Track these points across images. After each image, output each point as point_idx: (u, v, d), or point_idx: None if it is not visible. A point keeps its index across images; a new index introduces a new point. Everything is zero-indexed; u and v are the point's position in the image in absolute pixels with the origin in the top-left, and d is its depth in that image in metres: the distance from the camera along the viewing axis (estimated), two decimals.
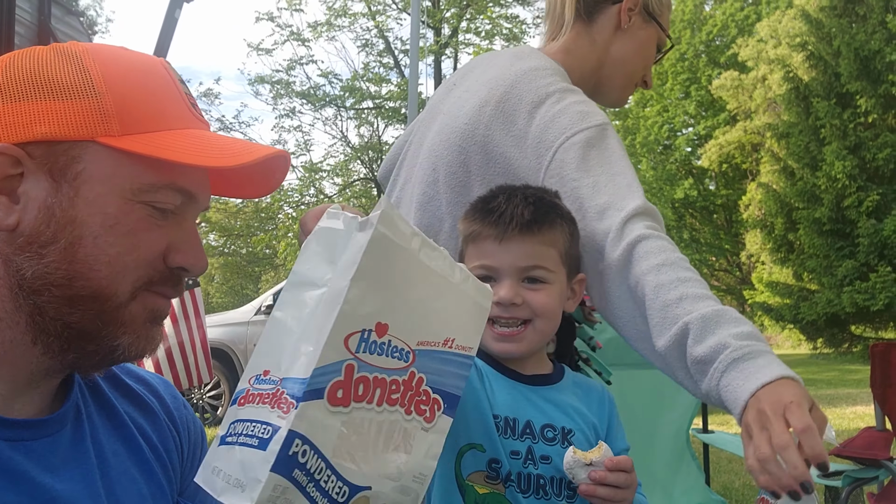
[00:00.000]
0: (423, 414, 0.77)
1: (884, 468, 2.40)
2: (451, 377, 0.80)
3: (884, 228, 16.37)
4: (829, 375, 13.62)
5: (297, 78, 18.82)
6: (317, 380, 0.68)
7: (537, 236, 1.30)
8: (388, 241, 0.72)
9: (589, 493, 1.20)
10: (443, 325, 0.78)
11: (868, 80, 17.05)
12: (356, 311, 0.70)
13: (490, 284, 1.23)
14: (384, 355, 0.72)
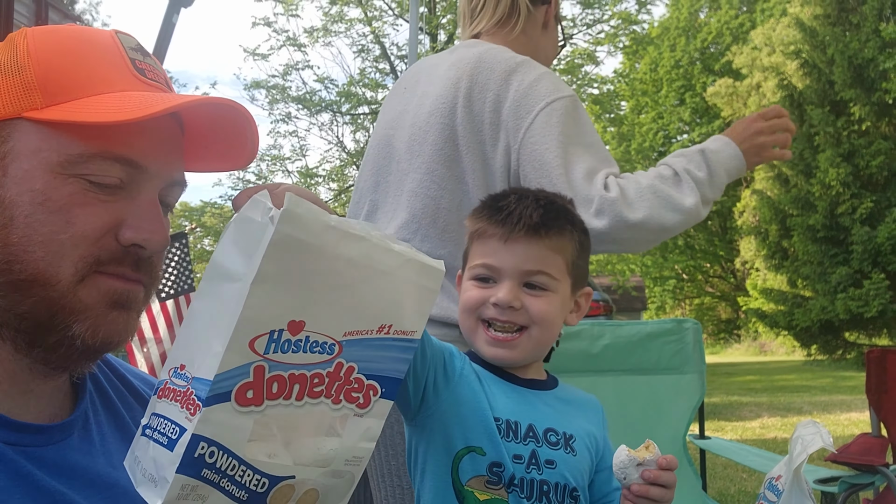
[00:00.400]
0: (356, 401, 0.75)
1: (879, 474, 2.41)
2: (390, 362, 0.77)
3: (877, 235, 16.45)
4: (824, 382, 13.66)
5: (292, 83, 18.82)
6: (221, 384, 0.67)
7: (544, 240, 1.25)
8: (293, 240, 0.68)
9: (642, 493, 1.14)
10: (375, 313, 0.75)
11: (862, 88, 17.15)
12: (261, 315, 0.68)
13: (489, 286, 1.25)
14: (301, 352, 0.70)
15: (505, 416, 1.22)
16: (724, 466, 5.88)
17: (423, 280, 0.78)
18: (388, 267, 0.75)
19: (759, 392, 11.98)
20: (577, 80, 19.23)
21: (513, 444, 1.20)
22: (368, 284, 0.74)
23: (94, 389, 0.94)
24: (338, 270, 0.71)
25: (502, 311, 1.23)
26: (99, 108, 0.77)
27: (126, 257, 0.82)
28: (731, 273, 31.25)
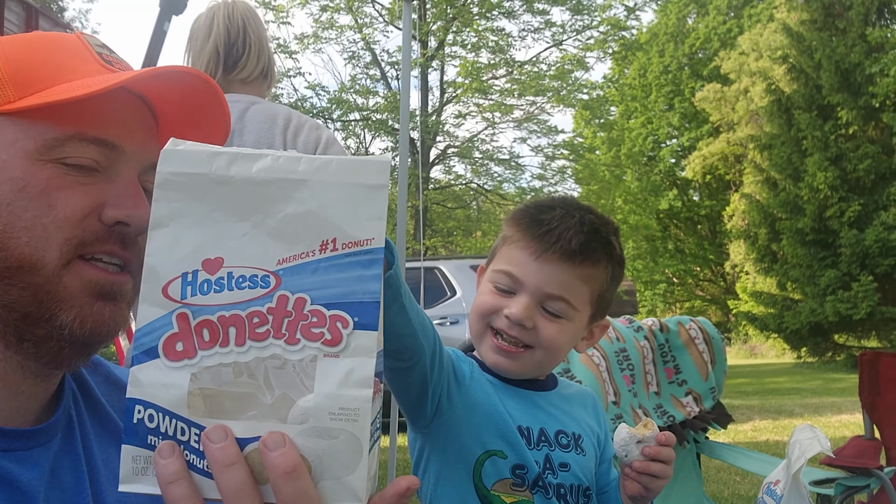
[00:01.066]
0: (320, 338, 0.61)
1: (874, 477, 2.44)
2: (352, 283, 0.62)
3: (865, 238, 16.57)
4: (814, 384, 13.73)
5: (284, 90, 18.84)
6: (143, 340, 0.62)
7: (576, 268, 1.21)
8: (178, 175, 0.63)
9: (643, 469, 1.17)
10: (309, 230, 0.63)
11: (848, 93, 17.30)
12: (164, 258, 0.63)
13: (506, 296, 1.21)
14: (227, 290, 0.62)
15: (516, 422, 1.22)
16: (717, 469, 5.90)
17: (359, 178, 0.64)
18: (304, 174, 0.64)
19: (751, 395, 12.04)
20: (567, 85, 19.30)
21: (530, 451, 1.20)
22: (286, 200, 0.63)
23: (78, 388, 0.94)
24: (243, 193, 0.63)
25: (512, 326, 1.20)
26: (63, 91, 0.79)
27: (111, 236, 0.81)
28: (720, 277, 31.39)
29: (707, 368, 3.02)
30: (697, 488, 3.04)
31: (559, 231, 1.20)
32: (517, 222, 1.25)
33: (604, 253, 1.24)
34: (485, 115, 19.57)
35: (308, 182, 0.63)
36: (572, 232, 1.20)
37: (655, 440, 1.18)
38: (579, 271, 1.21)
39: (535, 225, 1.22)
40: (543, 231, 1.21)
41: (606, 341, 2.93)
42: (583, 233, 1.21)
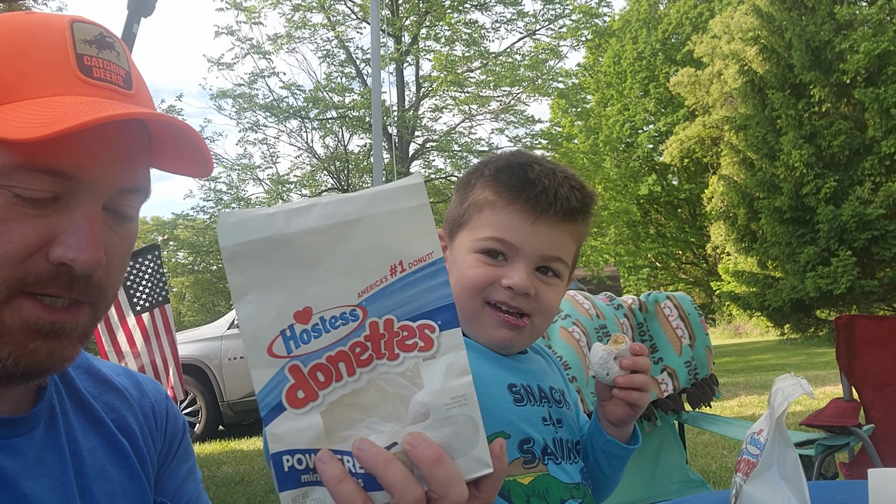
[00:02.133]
0: (415, 347, 0.70)
1: (853, 435, 2.49)
2: (427, 294, 0.71)
3: (842, 214, 16.75)
4: (798, 359, 13.88)
5: (259, 91, 18.73)
6: (266, 400, 0.69)
7: (572, 226, 1.16)
8: (244, 245, 0.68)
9: (627, 383, 1.16)
10: (376, 259, 0.70)
11: (820, 70, 17.48)
12: (259, 323, 0.69)
13: (499, 263, 1.14)
14: (324, 333, 0.69)
15: (519, 380, 1.17)
16: (705, 444, 5.98)
17: (403, 203, 0.71)
18: (356, 213, 0.70)
19: (736, 373, 12.15)
20: (542, 75, 19.34)
21: (535, 407, 1.16)
22: (348, 239, 0.70)
23: (60, 380, 0.92)
24: (307, 244, 0.69)
25: (514, 297, 1.13)
26: (14, 120, 0.70)
27: (56, 277, 0.75)
28: (702, 259, 31.61)
29: (680, 344, 3.06)
30: (681, 462, 3.07)
31: (553, 190, 1.13)
32: (501, 185, 1.15)
33: (592, 205, 1.21)
34: (461, 107, 19.56)
35: (362, 219, 0.70)
36: (567, 189, 1.15)
37: (630, 351, 1.18)
38: (573, 228, 1.17)
39: (527, 186, 1.14)
40: (538, 191, 1.13)
41: (587, 318, 2.96)
42: (577, 190, 1.16)
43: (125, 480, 0.92)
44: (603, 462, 1.26)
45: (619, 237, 24.85)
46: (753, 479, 1.13)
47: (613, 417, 1.22)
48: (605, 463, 1.26)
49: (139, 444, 0.96)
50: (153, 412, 1.02)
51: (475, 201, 1.18)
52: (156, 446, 1.00)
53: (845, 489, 1.46)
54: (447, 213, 1.25)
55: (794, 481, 1.12)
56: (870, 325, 2.98)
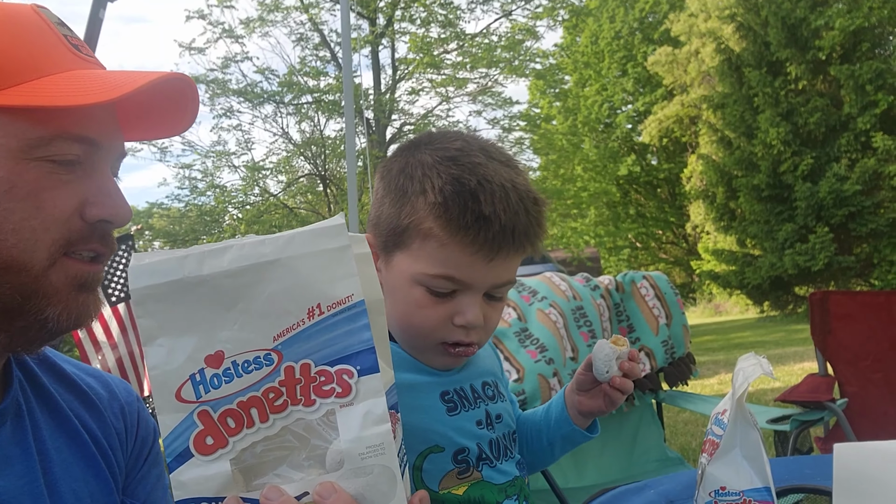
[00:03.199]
0: (332, 393, 0.68)
1: (827, 409, 2.49)
2: (346, 338, 0.68)
3: (819, 191, 16.89)
4: (776, 336, 14.02)
5: (232, 76, 18.52)
6: (173, 446, 0.67)
7: (527, 251, 1.09)
8: (155, 288, 0.67)
9: (621, 386, 1.17)
10: (293, 302, 0.68)
11: (796, 48, 17.54)
12: (168, 367, 0.67)
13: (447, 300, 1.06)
14: (236, 378, 0.67)
15: (452, 386, 1.13)
16: (685, 423, 6.02)
17: (323, 244, 0.69)
18: (273, 254, 0.68)
19: (716, 350, 12.26)
20: (519, 55, 19.28)
21: (469, 411, 1.13)
22: (264, 281, 0.68)
23: (24, 377, 0.92)
24: (221, 287, 0.67)
25: (469, 333, 1.07)
26: (58, 91, 0.76)
27: (93, 234, 0.83)
28: (682, 238, 31.82)
29: (657, 323, 3.05)
30: (658, 440, 3.08)
31: (511, 225, 1.02)
32: (452, 223, 1.02)
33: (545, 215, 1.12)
34: (438, 90, 19.47)
35: (279, 260, 0.68)
36: (523, 218, 1.04)
37: (629, 356, 1.19)
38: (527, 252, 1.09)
39: (483, 226, 1.01)
40: (495, 231, 1.01)
41: (563, 299, 2.93)
42: (532, 213, 1.06)
43: (91, 480, 0.92)
44: (558, 447, 1.29)
45: (599, 218, 24.95)
46: (716, 460, 1.12)
47: (586, 409, 1.23)
48: (560, 448, 1.30)
49: (103, 444, 0.96)
50: (123, 414, 1.02)
51: (418, 227, 1.05)
52: (125, 448, 1.00)
53: (813, 464, 1.45)
54: (376, 214, 1.12)
55: (756, 460, 1.11)
56: (843, 301, 2.99)
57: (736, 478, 1.11)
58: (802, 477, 1.42)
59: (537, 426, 1.30)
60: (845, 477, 1.09)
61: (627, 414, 3.01)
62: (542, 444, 1.29)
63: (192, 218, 19.81)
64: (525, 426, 1.32)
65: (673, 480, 1.51)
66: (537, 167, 21.74)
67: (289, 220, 18.58)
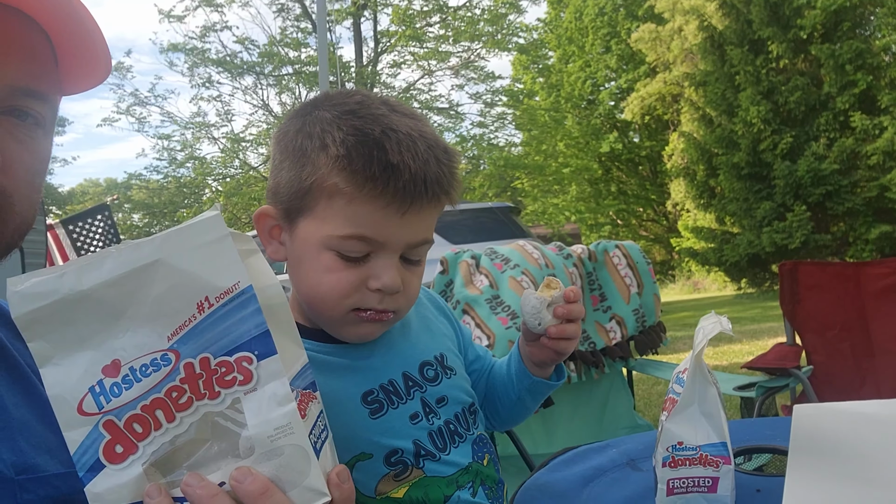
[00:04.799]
0: (235, 382, 0.68)
1: (793, 377, 2.53)
2: (239, 325, 0.68)
3: (798, 169, 17.01)
4: (753, 313, 14.18)
5: (212, 46, 18.25)
6: (83, 461, 0.67)
7: (441, 204, 1.02)
8: (38, 311, 0.66)
9: (560, 333, 1.10)
10: (181, 300, 0.68)
11: (778, 26, 17.55)
12: (66, 384, 0.67)
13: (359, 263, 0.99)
14: (136, 383, 0.67)
15: (377, 382, 1.06)
16: (659, 395, 6.08)
17: (201, 237, 0.68)
18: (150, 255, 0.68)
19: (693, 326, 12.31)
20: (502, 29, 19.15)
21: (399, 407, 1.06)
22: (148, 284, 0.67)
23: None
24: (106, 297, 0.67)
25: (384, 299, 1.00)
26: None
27: None
28: (663, 216, 31.97)
29: (629, 292, 3.07)
30: (629, 408, 3.11)
31: (422, 173, 0.96)
32: (358, 175, 0.94)
33: (458, 167, 1.05)
34: (420, 63, 19.32)
35: (159, 261, 0.67)
36: (434, 165, 0.97)
37: (564, 298, 1.10)
38: (441, 204, 1.03)
39: (392, 175, 0.94)
40: (405, 180, 0.94)
41: (536, 267, 2.93)
42: (443, 161, 0.99)
43: (50, 435, 0.90)
44: (527, 398, 1.25)
45: (581, 194, 24.99)
46: (674, 416, 1.13)
47: (537, 359, 1.19)
48: (530, 398, 1.25)
49: None
50: None
51: (321, 185, 0.97)
52: None
53: (772, 425, 1.46)
54: (274, 182, 1.04)
55: (714, 416, 1.12)
56: (813, 271, 3.02)
57: (693, 433, 1.12)
58: (763, 437, 1.44)
59: (503, 381, 1.27)
60: (802, 436, 1.10)
61: (598, 381, 3.03)
62: (511, 399, 1.25)
63: (171, 190, 19.62)
64: (495, 381, 1.28)
65: (635, 440, 1.52)
66: (519, 143, 21.70)
67: None
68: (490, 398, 1.27)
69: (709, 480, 1.13)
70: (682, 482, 1.14)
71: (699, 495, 1.13)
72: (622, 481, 1.33)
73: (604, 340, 2.99)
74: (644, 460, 1.40)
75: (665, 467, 1.14)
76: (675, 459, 1.14)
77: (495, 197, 20.03)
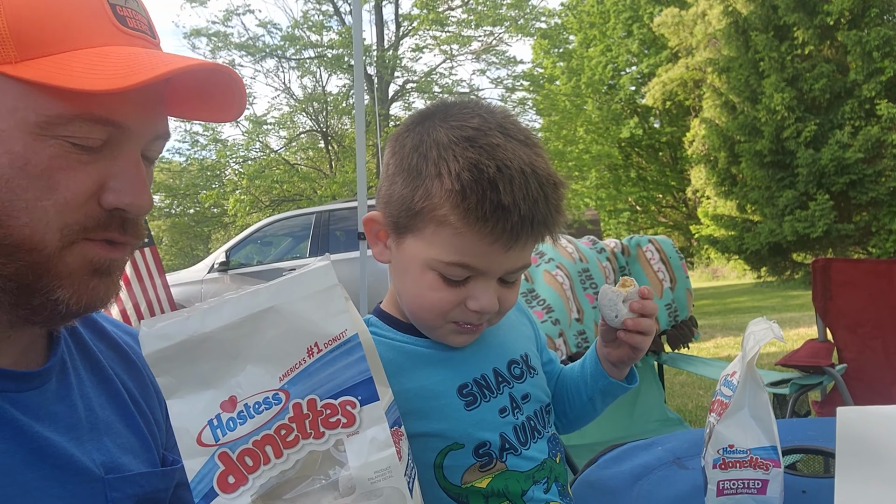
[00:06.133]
0: (338, 424, 0.74)
1: (826, 374, 2.55)
2: (344, 371, 0.75)
3: (821, 158, 16.83)
4: (773, 302, 14.11)
5: (234, 29, 18.28)
6: (199, 488, 0.72)
7: (544, 238, 1.06)
8: (166, 350, 0.73)
9: (636, 326, 1.13)
10: (292, 344, 0.74)
11: (804, 12, 17.31)
12: (188, 416, 0.73)
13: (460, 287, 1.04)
14: (249, 419, 0.73)
15: (470, 376, 1.11)
16: (682, 385, 6.11)
17: (313, 287, 0.75)
18: (267, 302, 0.74)
19: (713, 315, 12.35)
20: (525, 14, 19.01)
21: (491, 401, 1.10)
22: (263, 328, 0.74)
23: (69, 336, 0.93)
24: (225, 339, 0.74)
25: (481, 317, 1.06)
26: (79, 70, 0.72)
27: (112, 221, 0.80)
28: (682, 202, 31.77)
29: (661, 287, 3.09)
30: (659, 400, 3.14)
31: (531, 215, 0.98)
32: (470, 213, 0.98)
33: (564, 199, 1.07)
34: (442, 47, 19.23)
35: (274, 307, 0.74)
36: (543, 206, 1.00)
37: (639, 295, 1.14)
38: (543, 239, 1.06)
39: (502, 216, 0.97)
40: (514, 221, 0.97)
41: (570, 261, 2.97)
42: (552, 200, 1.02)
43: (132, 437, 0.94)
44: (598, 400, 1.27)
45: (600, 181, 24.86)
46: (725, 419, 1.16)
47: (614, 359, 1.21)
48: (601, 401, 1.28)
49: (141, 403, 0.98)
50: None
51: (432, 212, 1.01)
52: (160, 405, 1.02)
53: (815, 426, 1.49)
54: (387, 191, 1.08)
55: (764, 420, 1.15)
56: (845, 268, 3.02)
57: (744, 436, 1.15)
58: (806, 438, 1.47)
59: (576, 382, 1.29)
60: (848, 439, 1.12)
61: None
62: (582, 400, 1.28)
63: (192, 172, 19.73)
64: (565, 383, 1.31)
65: (679, 438, 1.56)
66: (539, 128, 21.61)
67: (290, 175, 18.49)
68: (558, 401, 1.30)
69: (758, 483, 1.17)
70: (732, 484, 1.17)
71: (748, 496, 1.17)
72: (669, 479, 1.37)
73: None
74: (690, 459, 1.45)
75: (715, 469, 1.17)
76: (725, 462, 1.17)
77: None
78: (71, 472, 0.83)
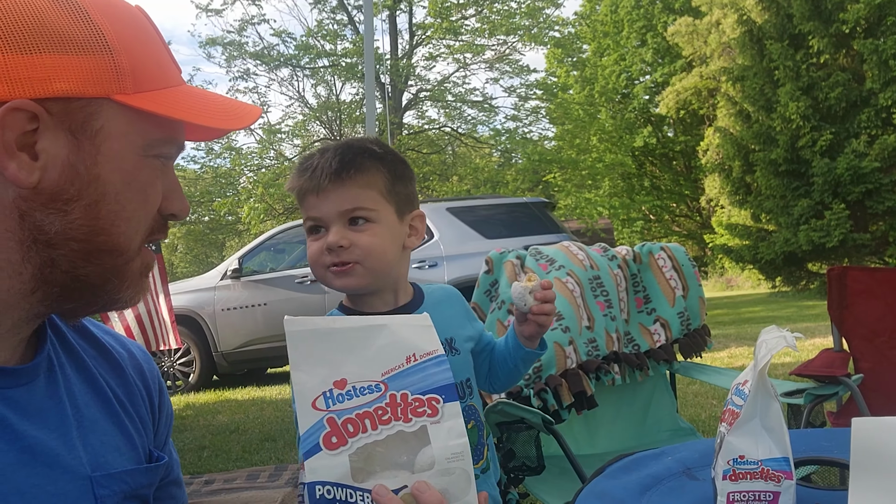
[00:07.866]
0: (424, 414, 0.90)
1: (842, 384, 2.50)
2: (434, 376, 0.93)
3: (837, 167, 16.72)
4: (788, 312, 14.01)
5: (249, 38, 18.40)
6: (307, 441, 0.87)
7: (350, 181, 1.42)
8: (298, 333, 0.92)
9: (539, 311, 1.51)
10: (396, 352, 0.93)
11: (819, 20, 17.23)
12: (307, 385, 0.90)
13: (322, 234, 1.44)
14: (355, 397, 0.90)
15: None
16: (695, 395, 6.05)
17: (416, 323, 0.98)
18: (381, 323, 0.95)
19: (727, 325, 12.27)
20: (539, 23, 19.04)
21: None
22: (376, 337, 0.94)
23: (54, 335, 0.96)
24: (346, 338, 0.93)
25: (334, 252, 1.41)
26: (183, 105, 0.88)
27: (163, 226, 0.94)
28: (696, 212, 31.63)
29: (673, 294, 3.05)
30: (671, 410, 3.10)
31: (321, 164, 1.42)
32: (293, 179, 1.46)
33: (365, 157, 1.44)
34: (456, 56, 19.28)
35: (387, 325, 0.95)
36: (330, 158, 1.42)
37: (541, 287, 1.51)
38: (355, 181, 1.42)
39: (304, 171, 1.44)
40: (311, 172, 1.42)
41: (581, 268, 2.94)
42: (339, 154, 1.42)
43: (117, 434, 0.97)
44: (521, 365, 1.67)
45: (614, 189, 24.81)
46: (736, 429, 1.14)
47: (527, 334, 1.59)
48: (522, 365, 1.68)
49: (125, 403, 1.01)
50: (141, 373, 1.06)
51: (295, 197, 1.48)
52: (146, 405, 1.05)
53: (829, 437, 1.46)
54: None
55: (776, 431, 1.13)
56: (862, 276, 2.97)
57: (755, 447, 1.13)
58: (819, 449, 1.44)
59: (503, 354, 1.68)
60: (863, 450, 1.10)
61: (641, 383, 3.02)
62: (509, 367, 1.68)
63: (207, 180, 19.85)
64: (497, 355, 1.70)
65: (689, 448, 1.53)
66: (553, 136, 21.59)
67: None
68: (494, 368, 1.71)
69: (770, 495, 1.14)
70: (742, 495, 1.15)
71: None
72: (679, 490, 1.34)
73: (648, 343, 2.98)
74: (700, 469, 1.41)
75: (725, 480, 1.15)
76: (735, 473, 1.15)
77: (528, 192, 19.96)
78: (60, 469, 0.85)
